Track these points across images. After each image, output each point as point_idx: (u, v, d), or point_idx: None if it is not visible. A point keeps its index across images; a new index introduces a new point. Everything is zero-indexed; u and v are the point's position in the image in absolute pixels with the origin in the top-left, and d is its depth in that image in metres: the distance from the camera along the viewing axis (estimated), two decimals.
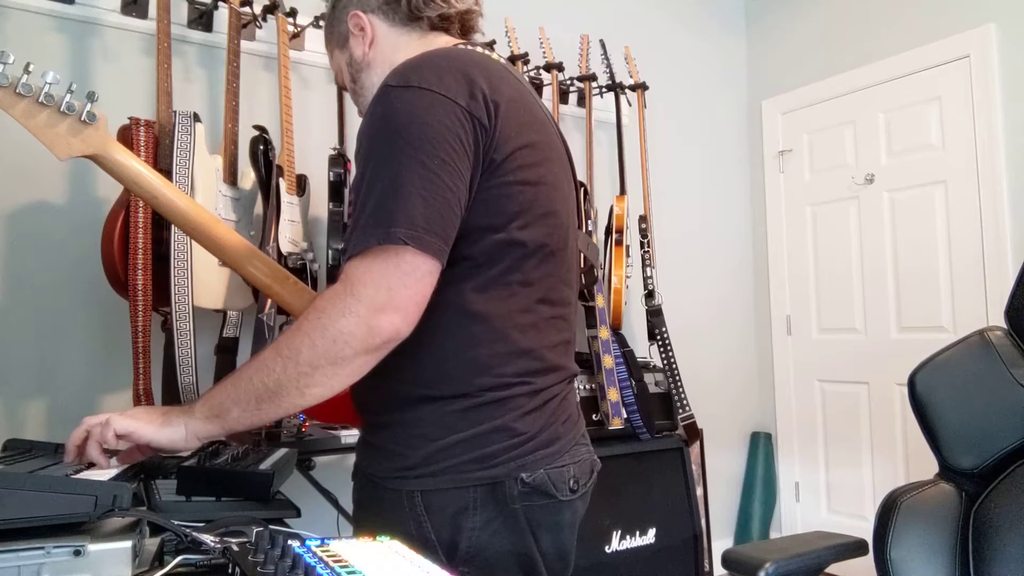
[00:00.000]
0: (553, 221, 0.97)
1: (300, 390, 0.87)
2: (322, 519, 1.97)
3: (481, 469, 0.91)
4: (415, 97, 0.87)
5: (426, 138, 0.86)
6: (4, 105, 1.01)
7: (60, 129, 1.04)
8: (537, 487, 0.93)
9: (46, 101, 1.03)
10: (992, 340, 1.29)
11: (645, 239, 2.89)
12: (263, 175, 1.93)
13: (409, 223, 0.84)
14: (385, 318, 0.85)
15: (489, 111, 0.90)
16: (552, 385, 0.98)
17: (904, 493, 1.27)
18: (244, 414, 0.90)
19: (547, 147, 0.99)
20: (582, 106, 2.90)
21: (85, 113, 1.05)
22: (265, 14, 2.13)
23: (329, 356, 0.85)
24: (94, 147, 1.07)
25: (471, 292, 0.92)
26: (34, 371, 1.89)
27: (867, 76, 3.17)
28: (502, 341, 0.93)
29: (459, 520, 0.91)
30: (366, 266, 0.85)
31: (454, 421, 0.92)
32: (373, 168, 0.88)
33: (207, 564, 0.73)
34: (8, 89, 1.00)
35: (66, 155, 1.05)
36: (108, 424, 0.93)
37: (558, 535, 0.97)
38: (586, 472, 1.01)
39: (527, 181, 0.93)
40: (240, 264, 1.18)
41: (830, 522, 3.24)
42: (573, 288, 1.05)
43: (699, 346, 3.32)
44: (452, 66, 0.90)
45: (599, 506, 2.35)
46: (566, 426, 0.99)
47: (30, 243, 1.90)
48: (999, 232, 2.75)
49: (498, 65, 0.98)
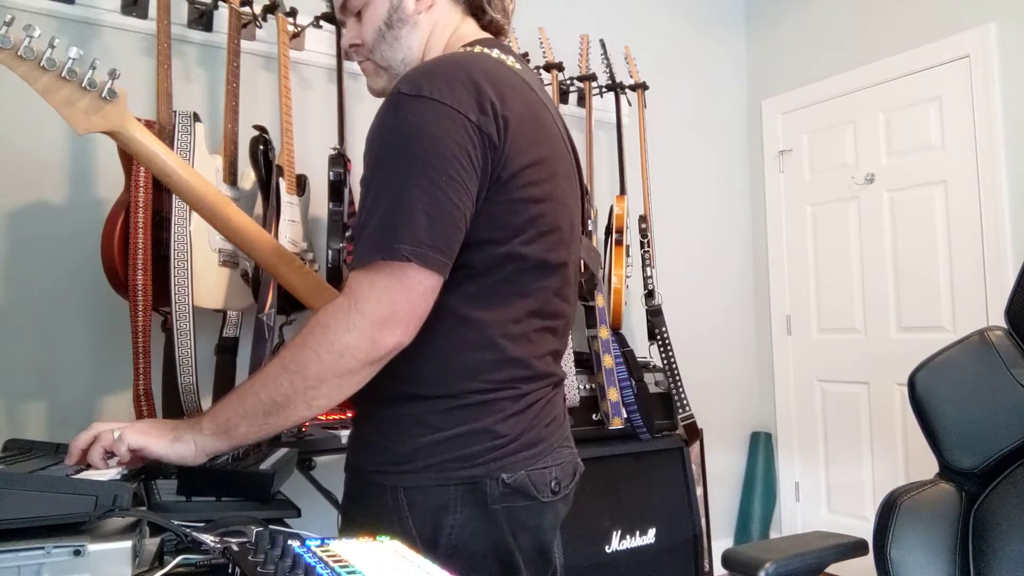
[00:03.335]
0: (555, 237, 0.98)
1: (308, 403, 0.90)
2: (322, 519, 1.97)
3: (462, 468, 0.93)
4: (425, 108, 0.88)
5: (435, 153, 0.87)
6: (28, 78, 1.01)
7: (81, 104, 1.04)
8: (518, 488, 0.94)
9: (69, 76, 1.02)
10: (992, 340, 1.29)
11: (645, 239, 2.89)
12: (263, 175, 1.93)
13: (413, 240, 0.86)
14: (388, 332, 0.87)
15: (499, 126, 0.90)
16: (537, 389, 0.99)
17: (904, 493, 1.27)
18: (252, 429, 0.92)
19: (556, 162, 0.99)
20: (582, 106, 2.90)
21: (107, 90, 1.05)
22: (265, 14, 2.13)
23: (336, 370, 0.88)
24: (113, 123, 1.07)
25: (467, 299, 0.94)
26: (34, 371, 1.89)
27: (867, 76, 3.17)
28: (492, 349, 0.94)
29: (440, 517, 0.92)
30: (370, 281, 0.87)
31: (438, 420, 0.94)
32: (381, 179, 0.89)
33: (207, 564, 0.73)
34: (32, 62, 1.01)
35: (85, 130, 1.05)
36: (122, 439, 0.93)
37: (539, 535, 0.99)
38: (568, 474, 1.02)
39: (533, 198, 0.94)
40: (249, 244, 1.20)
41: (830, 522, 3.24)
42: (570, 302, 1.06)
43: (699, 346, 3.32)
44: (464, 76, 0.90)
45: (599, 506, 2.35)
46: (549, 428, 1.00)
47: (30, 243, 1.91)
48: (999, 232, 2.75)
49: (511, 74, 0.97)
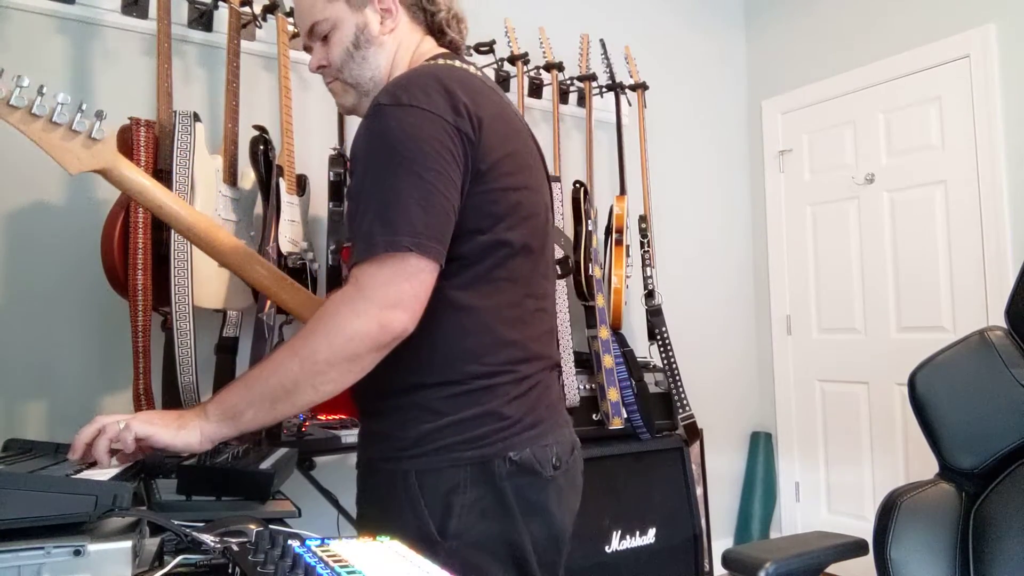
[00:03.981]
0: (534, 223, 1.06)
1: (315, 388, 0.93)
2: (322, 519, 1.97)
3: (471, 449, 0.98)
4: (406, 115, 0.95)
5: (421, 152, 0.94)
6: (21, 126, 1.06)
7: (72, 146, 1.10)
8: (523, 465, 1.00)
9: (59, 120, 1.08)
10: (992, 340, 1.29)
11: (645, 239, 2.89)
12: (263, 175, 1.93)
13: (411, 230, 0.92)
14: (394, 317, 0.92)
15: (474, 125, 0.98)
16: (535, 373, 1.05)
17: (904, 493, 1.27)
18: (259, 415, 0.95)
19: (526, 155, 1.08)
20: (582, 106, 2.90)
21: (95, 130, 1.11)
22: (265, 14, 2.13)
23: (345, 354, 0.92)
24: (104, 162, 1.13)
25: (461, 288, 1.00)
26: (34, 371, 1.89)
27: (867, 76, 3.17)
28: (489, 332, 1.01)
29: (451, 498, 0.97)
30: (374, 270, 0.93)
31: (445, 406, 0.99)
32: (372, 180, 0.96)
33: (207, 564, 0.73)
34: (24, 110, 1.06)
35: (77, 170, 1.11)
36: (129, 428, 0.94)
37: (547, 517, 1.03)
38: (567, 451, 1.08)
39: (511, 187, 1.02)
40: (242, 268, 1.26)
41: (830, 522, 3.24)
42: (551, 281, 1.16)
43: (699, 346, 3.31)
44: (437, 84, 0.98)
45: (599, 506, 2.35)
46: (548, 410, 1.07)
47: (30, 244, 1.91)
48: (999, 232, 2.75)
49: (478, 80, 1.06)
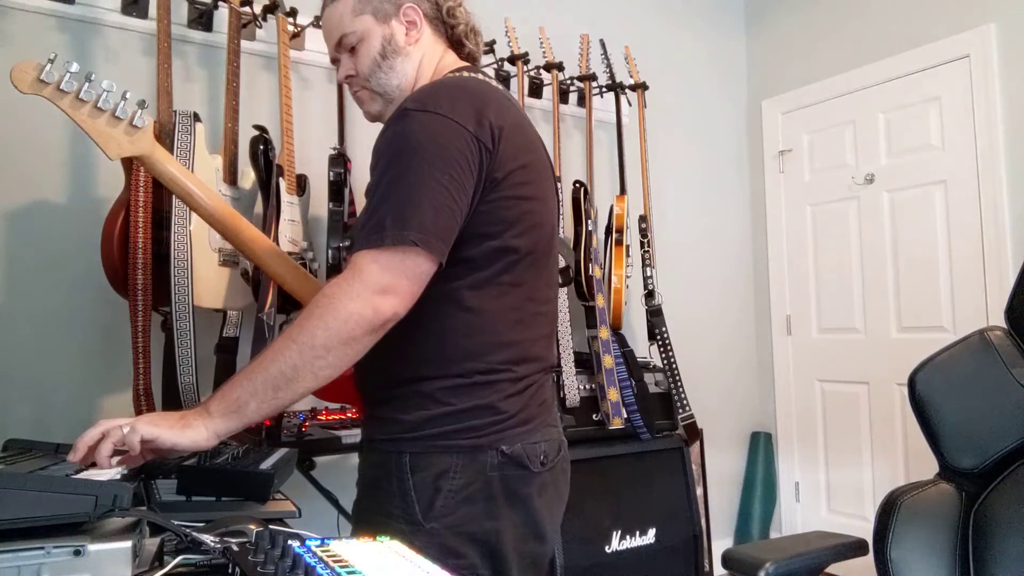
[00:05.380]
0: (541, 231, 1.11)
1: (314, 373, 0.96)
2: (322, 519, 1.97)
3: (465, 438, 1.04)
4: (431, 120, 1.01)
5: (439, 157, 0.99)
6: (70, 110, 1.12)
7: (115, 132, 1.15)
8: (513, 458, 1.05)
9: (103, 107, 1.14)
10: (992, 340, 1.29)
11: (645, 239, 2.89)
12: (263, 175, 1.93)
13: (420, 228, 0.97)
14: (386, 300, 0.96)
15: (493, 136, 1.03)
16: (532, 374, 1.11)
17: (904, 493, 1.27)
18: (262, 405, 0.97)
19: (539, 166, 1.14)
20: (582, 106, 2.90)
21: (136, 118, 1.17)
22: (265, 14, 2.13)
23: (342, 336, 0.95)
24: (143, 149, 1.19)
25: (467, 289, 1.05)
26: (34, 371, 1.89)
27: (867, 76, 3.17)
28: (492, 333, 1.06)
29: (439, 482, 1.02)
30: (374, 256, 0.97)
31: (445, 396, 1.04)
32: (391, 177, 1.00)
33: (207, 564, 0.73)
34: (73, 95, 1.11)
35: (117, 155, 1.16)
36: (134, 430, 0.93)
37: (528, 508, 1.07)
38: (555, 449, 1.13)
39: (522, 196, 1.07)
40: (263, 261, 1.31)
41: (830, 522, 3.24)
42: (553, 287, 1.21)
43: (699, 346, 3.31)
44: (463, 95, 1.05)
45: (599, 506, 2.35)
46: (540, 409, 1.12)
47: (30, 243, 1.90)
48: (999, 232, 2.75)
49: (499, 93, 1.12)
